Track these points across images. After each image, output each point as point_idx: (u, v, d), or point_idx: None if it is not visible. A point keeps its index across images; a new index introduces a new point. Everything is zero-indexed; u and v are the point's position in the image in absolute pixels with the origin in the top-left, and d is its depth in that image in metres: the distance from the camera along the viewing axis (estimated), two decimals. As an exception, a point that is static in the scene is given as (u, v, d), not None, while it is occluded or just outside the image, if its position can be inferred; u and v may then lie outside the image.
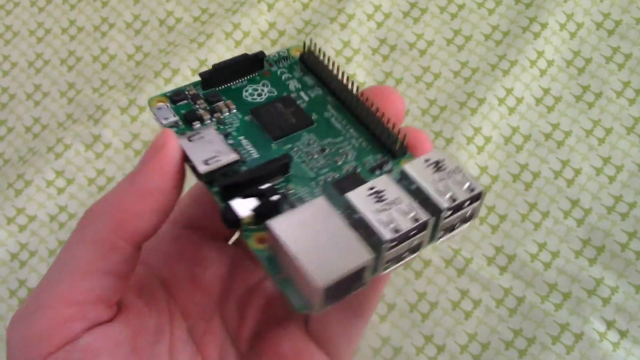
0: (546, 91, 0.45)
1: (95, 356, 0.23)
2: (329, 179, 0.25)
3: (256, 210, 0.23)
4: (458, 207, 0.23)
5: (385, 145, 0.26)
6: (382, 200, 0.22)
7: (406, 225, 0.22)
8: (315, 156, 0.26)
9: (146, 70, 0.48)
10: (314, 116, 0.28)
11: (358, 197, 0.22)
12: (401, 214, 0.22)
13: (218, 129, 0.27)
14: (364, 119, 0.27)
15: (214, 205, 0.24)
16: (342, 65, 0.46)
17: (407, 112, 0.45)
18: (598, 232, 0.41)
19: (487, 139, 0.43)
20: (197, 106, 0.28)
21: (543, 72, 0.45)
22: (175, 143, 0.24)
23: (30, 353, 0.22)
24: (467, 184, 0.23)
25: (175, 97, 0.28)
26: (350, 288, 0.21)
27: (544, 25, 0.45)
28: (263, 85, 0.29)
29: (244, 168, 0.26)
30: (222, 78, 0.29)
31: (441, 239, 0.24)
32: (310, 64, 0.30)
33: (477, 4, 0.47)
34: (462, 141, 0.43)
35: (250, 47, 0.48)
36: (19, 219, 0.44)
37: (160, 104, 0.28)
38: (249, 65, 0.29)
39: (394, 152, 0.26)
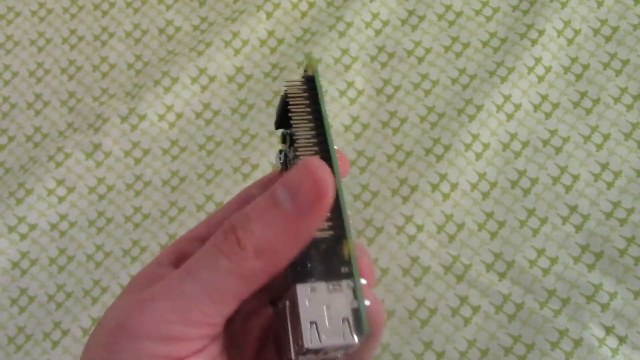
0: (544, 98, 0.45)
1: None
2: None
3: None
4: (322, 351, 0.23)
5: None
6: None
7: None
8: None
9: (146, 79, 0.48)
10: None
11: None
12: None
13: None
14: None
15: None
16: (341, 73, 0.46)
17: (405, 119, 0.45)
18: (596, 238, 0.41)
19: (486, 146, 0.44)
20: None
21: (541, 79, 0.45)
22: (333, 191, 0.23)
23: (167, 349, 0.23)
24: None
25: None
26: None
27: (541, 32, 0.46)
28: None
29: None
30: None
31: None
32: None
33: (475, 11, 0.47)
34: (460, 148, 0.43)
35: (249, 55, 0.48)
36: (20, 227, 0.44)
37: None
38: None
39: None
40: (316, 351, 0.23)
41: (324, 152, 0.25)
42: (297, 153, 0.25)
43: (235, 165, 0.45)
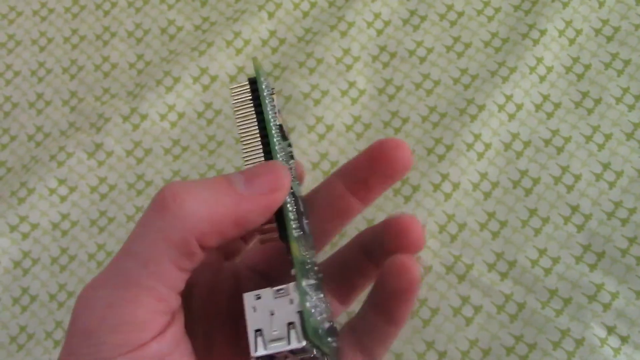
0: (546, 97, 0.45)
1: (182, 355, 0.22)
2: None
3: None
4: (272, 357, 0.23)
5: None
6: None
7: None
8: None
9: (148, 78, 0.48)
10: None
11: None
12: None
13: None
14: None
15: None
16: (343, 73, 0.46)
17: (407, 119, 0.45)
18: (598, 237, 0.41)
19: (487, 146, 0.44)
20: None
21: (542, 79, 0.45)
22: (287, 191, 0.24)
23: (126, 337, 0.21)
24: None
25: None
26: None
27: (543, 32, 0.46)
28: None
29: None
30: None
31: None
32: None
33: (477, 11, 0.48)
34: (462, 148, 0.43)
35: (251, 55, 0.48)
36: (21, 226, 0.44)
37: None
38: None
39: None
40: (269, 357, 0.23)
41: (268, 154, 0.25)
42: (243, 156, 0.25)
43: (237, 165, 0.45)
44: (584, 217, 0.42)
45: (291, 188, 0.25)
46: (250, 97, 0.26)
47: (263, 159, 0.25)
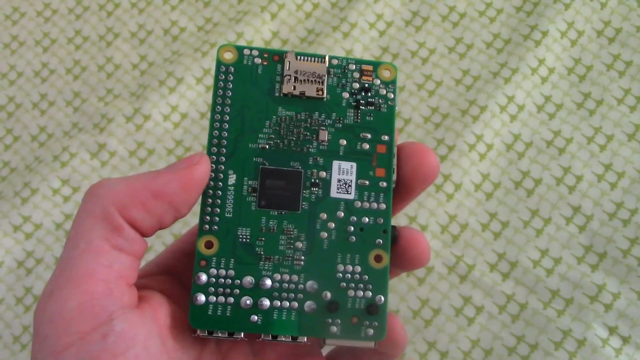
0: (547, 98, 0.45)
1: (130, 344, 0.22)
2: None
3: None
4: None
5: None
6: None
7: None
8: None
9: (151, 79, 0.48)
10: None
11: None
12: None
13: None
14: None
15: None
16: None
17: (409, 120, 0.45)
18: (600, 238, 0.41)
19: (489, 146, 0.44)
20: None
21: (544, 80, 0.45)
22: (207, 167, 0.25)
23: (64, 332, 0.21)
24: None
25: None
26: None
27: (544, 33, 0.46)
28: None
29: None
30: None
31: None
32: None
33: (479, 12, 0.48)
34: (464, 148, 0.43)
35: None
36: (25, 226, 0.45)
37: None
38: None
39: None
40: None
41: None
42: None
43: (239, 165, 0.45)
44: (586, 217, 0.42)
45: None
46: None
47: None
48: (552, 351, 0.39)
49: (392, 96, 0.27)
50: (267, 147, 0.27)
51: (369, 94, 0.27)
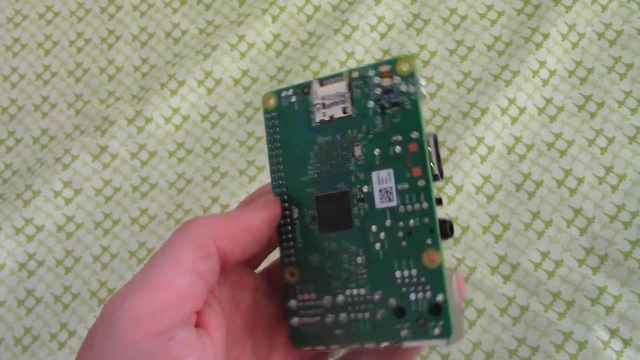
0: (548, 101, 0.45)
1: (189, 352, 0.24)
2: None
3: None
4: None
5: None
6: None
7: None
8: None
9: (152, 81, 0.48)
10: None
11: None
12: None
13: None
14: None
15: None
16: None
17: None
18: (601, 240, 0.41)
19: (490, 149, 0.44)
20: None
21: (545, 82, 0.45)
22: (280, 206, 0.28)
23: (136, 328, 0.23)
24: None
25: None
26: None
27: (545, 36, 0.46)
28: None
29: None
30: None
31: None
32: None
33: (480, 15, 0.48)
34: (465, 151, 0.43)
35: (255, 58, 0.48)
36: (27, 229, 0.45)
37: None
38: None
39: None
40: None
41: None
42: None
43: (241, 168, 0.45)
44: (587, 220, 0.42)
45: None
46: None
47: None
48: (553, 354, 0.39)
49: (414, 89, 0.27)
50: (316, 176, 0.28)
51: (391, 95, 0.27)
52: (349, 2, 0.49)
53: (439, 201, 0.27)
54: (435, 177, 0.27)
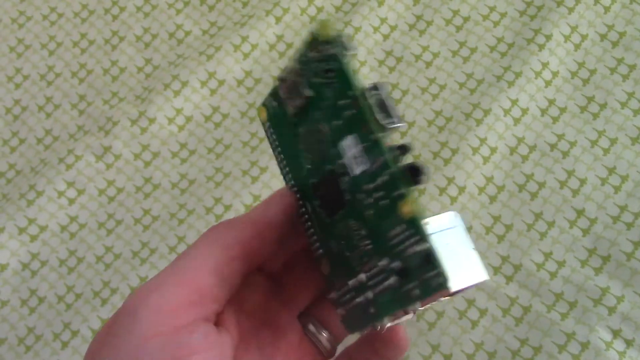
0: (551, 102, 0.45)
1: (209, 347, 0.24)
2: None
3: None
4: None
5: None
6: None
7: None
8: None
9: (156, 82, 0.48)
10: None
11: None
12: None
13: None
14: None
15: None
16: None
17: (413, 123, 0.45)
18: (604, 241, 0.41)
19: (493, 150, 0.44)
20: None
21: (548, 83, 0.45)
22: (293, 196, 0.28)
23: (161, 320, 0.24)
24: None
25: None
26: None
27: (548, 37, 0.46)
28: None
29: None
30: None
31: None
32: None
33: (482, 16, 0.48)
34: (468, 152, 0.44)
35: (258, 59, 0.48)
36: (30, 229, 0.45)
37: None
38: None
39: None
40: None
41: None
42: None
43: (244, 168, 0.45)
44: (590, 221, 0.42)
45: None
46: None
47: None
48: (556, 354, 0.39)
49: (337, 49, 0.26)
50: (310, 165, 0.28)
51: (324, 64, 0.27)
52: (352, 3, 0.49)
53: (404, 148, 0.26)
54: (388, 125, 0.26)
